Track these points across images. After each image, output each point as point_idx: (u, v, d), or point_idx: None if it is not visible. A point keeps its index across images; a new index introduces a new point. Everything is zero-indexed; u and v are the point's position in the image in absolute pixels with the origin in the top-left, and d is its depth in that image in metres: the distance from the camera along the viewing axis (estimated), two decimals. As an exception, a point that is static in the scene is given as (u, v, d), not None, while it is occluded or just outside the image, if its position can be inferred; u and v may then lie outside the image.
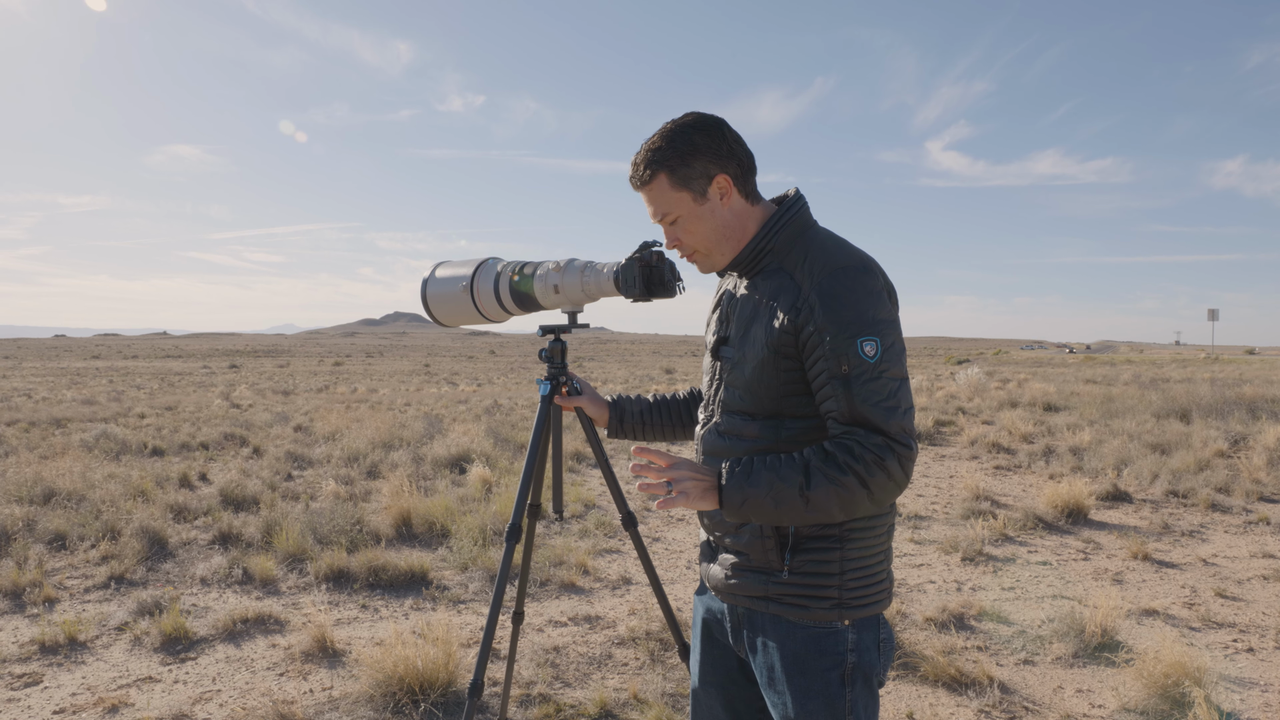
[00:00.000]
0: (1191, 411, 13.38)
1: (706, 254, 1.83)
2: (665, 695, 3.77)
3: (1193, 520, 7.18)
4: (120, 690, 3.91)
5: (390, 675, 3.71)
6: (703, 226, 1.79)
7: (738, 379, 1.78)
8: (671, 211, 1.79)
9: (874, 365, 1.60)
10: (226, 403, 20.61)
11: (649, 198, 1.81)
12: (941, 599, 5.03)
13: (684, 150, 1.74)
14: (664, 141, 1.76)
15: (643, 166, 1.78)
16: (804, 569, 1.70)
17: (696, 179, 1.76)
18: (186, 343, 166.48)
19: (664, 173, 1.76)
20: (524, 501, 2.36)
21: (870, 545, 1.73)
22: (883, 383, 1.60)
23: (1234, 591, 5.29)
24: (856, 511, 1.61)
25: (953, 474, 9.57)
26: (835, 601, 1.70)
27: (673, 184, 1.77)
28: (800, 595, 1.71)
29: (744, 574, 1.78)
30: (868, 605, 1.73)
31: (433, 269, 2.42)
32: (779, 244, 1.77)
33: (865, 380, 1.59)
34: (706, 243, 1.81)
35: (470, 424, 13.52)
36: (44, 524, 6.44)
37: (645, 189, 1.80)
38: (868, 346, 1.60)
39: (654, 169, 1.77)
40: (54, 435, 12.94)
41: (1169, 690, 3.62)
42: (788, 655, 1.73)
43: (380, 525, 6.61)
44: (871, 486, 1.57)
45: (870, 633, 1.74)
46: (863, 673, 1.72)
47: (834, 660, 1.71)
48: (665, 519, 7.40)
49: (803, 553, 1.70)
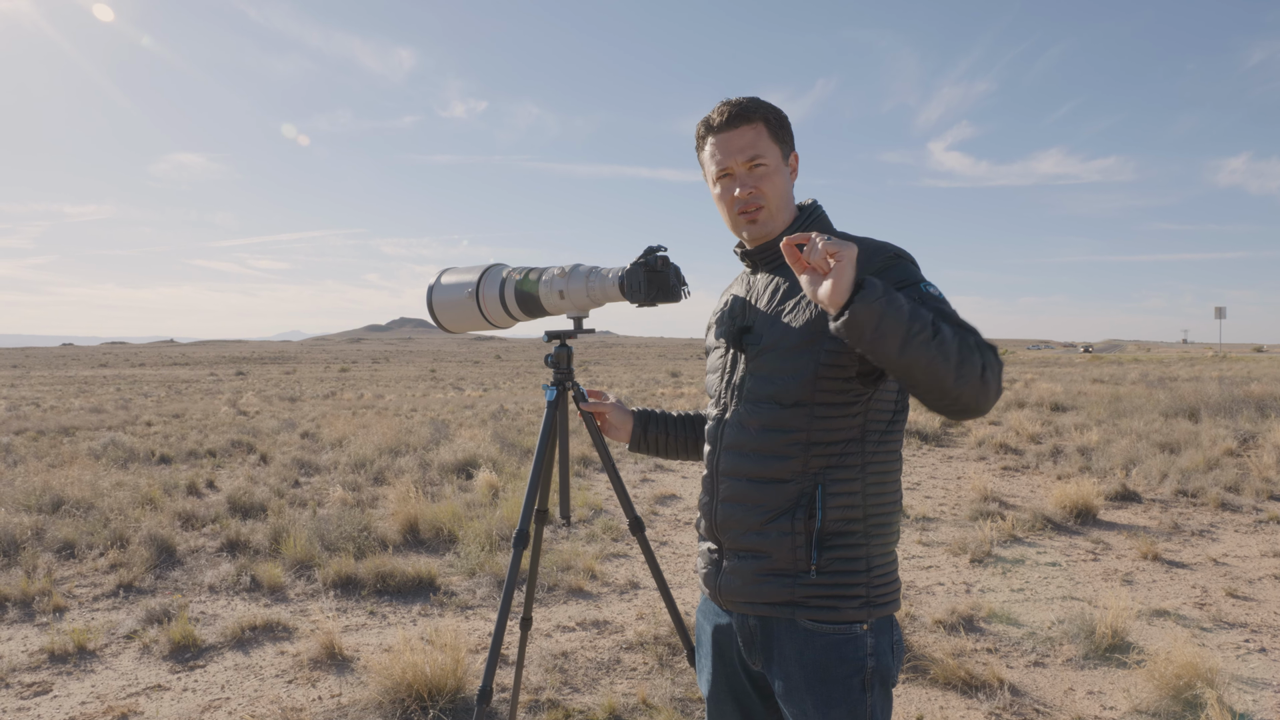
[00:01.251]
0: (1200, 410, 13.31)
1: (771, 214, 1.83)
2: (674, 700, 3.76)
3: (1202, 520, 7.14)
4: (129, 699, 3.91)
5: (399, 682, 3.71)
6: (782, 183, 1.83)
7: (766, 365, 1.76)
8: (762, 156, 1.80)
9: (943, 300, 1.65)
10: (234, 410, 20.67)
11: (737, 138, 1.80)
12: (951, 601, 5.01)
13: (782, 116, 1.84)
14: (764, 101, 1.82)
15: (748, 103, 1.81)
16: (831, 567, 1.69)
17: (785, 144, 1.84)
18: (193, 350, 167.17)
19: (764, 122, 1.81)
20: (531, 507, 2.36)
21: (889, 541, 1.75)
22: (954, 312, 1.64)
23: (1245, 591, 5.26)
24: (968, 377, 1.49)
25: (960, 475, 9.54)
26: (864, 600, 1.69)
27: (771, 135, 1.81)
28: (829, 595, 1.70)
29: (767, 579, 1.73)
30: (889, 603, 1.74)
31: (438, 275, 2.42)
32: None
33: (943, 305, 1.64)
34: (777, 200, 1.83)
35: (477, 429, 13.52)
36: (53, 532, 6.46)
37: (740, 127, 1.80)
38: (932, 289, 1.66)
39: (759, 113, 1.81)
40: (62, 444, 12.98)
41: (1181, 691, 3.60)
42: (808, 664, 1.71)
43: (387, 531, 6.61)
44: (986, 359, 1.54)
45: (886, 635, 1.74)
46: (880, 676, 1.71)
47: (855, 666, 1.69)
48: (674, 523, 7.39)
49: (830, 549, 1.69)
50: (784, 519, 1.71)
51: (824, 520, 1.69)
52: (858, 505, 1.71)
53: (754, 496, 1.75)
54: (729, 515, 1.79)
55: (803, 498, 1.70)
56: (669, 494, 8.63)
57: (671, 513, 7.80)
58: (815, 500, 1.69)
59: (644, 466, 10.35)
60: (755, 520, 1.74)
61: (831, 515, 1.69)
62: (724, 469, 1.82)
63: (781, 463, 1.72)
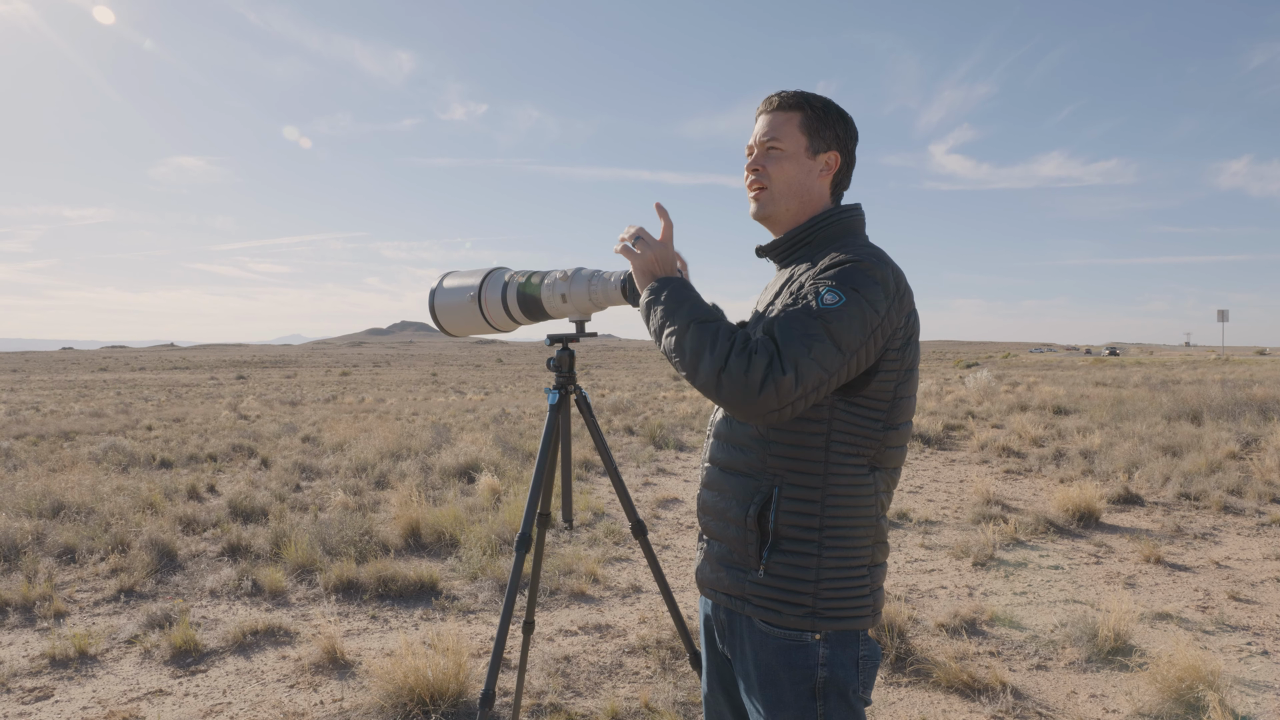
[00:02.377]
0: (1202, 413, 13.30)
1: (772, 197, 1.85)
2: (677, 704, 3.75)
3: (1205, 523, 7.13)
4: (131, 704, 3.91)
5: (401, 686, 3.70)
6: (794, 173, 1.83)
7: None
8: (781, 142, 1.83)
9: (820, 310, 1.58)
10: (234, 414, 20.67)
11: (770, 121, 1.85)
12: (953, 604, 5.00)
13: (828, 113, 1.85)
14: (815, 95, 1.86)
15: (791, 94, 1.85)
16: (779, 571, 1.69)
17: (820, 139, 1.84)
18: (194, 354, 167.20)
19: (803, 114, 1.84)
20: (534, 511, 2.35)
21: (850, 556, 1.69)
22: (814, 325, 1.57)
23: (1248, 594, 5.25)
24: (700, 373, 1.58)
25: (963, 478, 9.53)
26: (808, 610, 1.67)
27: (803, 126, 1.83)
28: (773, 599, 1.70)
29: (725, 568, 1.78)
30: (844, 619, 1.69)
31: (440, 279, 2.43)
32: (816, 240, 1.82)
33: (803, 315, 1.59)
34: (784, 186, 1.84)
35: (478, 433, 13.52)
36: (53, 537, 6.46)
37: (775, 113, 1.85)
38: (828, 296, 1.59)
39: (798, 103, 1.84)
40: (62, 448, 12.98)
41: (1183, 694, 3.59)
42: (760, 664, 1.72)
43: (389, 535, 6.61)
44: (730, 362, 1.55)
45: (848, 649, 1.70)
46: (836, 688, 1.68)
47: (803, 674, 1.68)
48: (676, 527, 7.39)
49: (780, 554, 1.69)
50: (739, 511, 1.74)
51: (776, 523, 1.69)
52: (814, 515, 1.68)
53: (721, 484, 1.80)
54: (705, 500, 1.86)
55: (758, 495, 1.71)
56: (671, 498, 8.62)
57: (674, 516, 7.79)
58: (771, 500, 1.70)
59: (646, 470, 10.35)
60: (722, 507, 1.79)
61: (785, 520, 1.69)
62: (709, 455, 1.88)
63: (743, 455, 1.75)
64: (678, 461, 11.14)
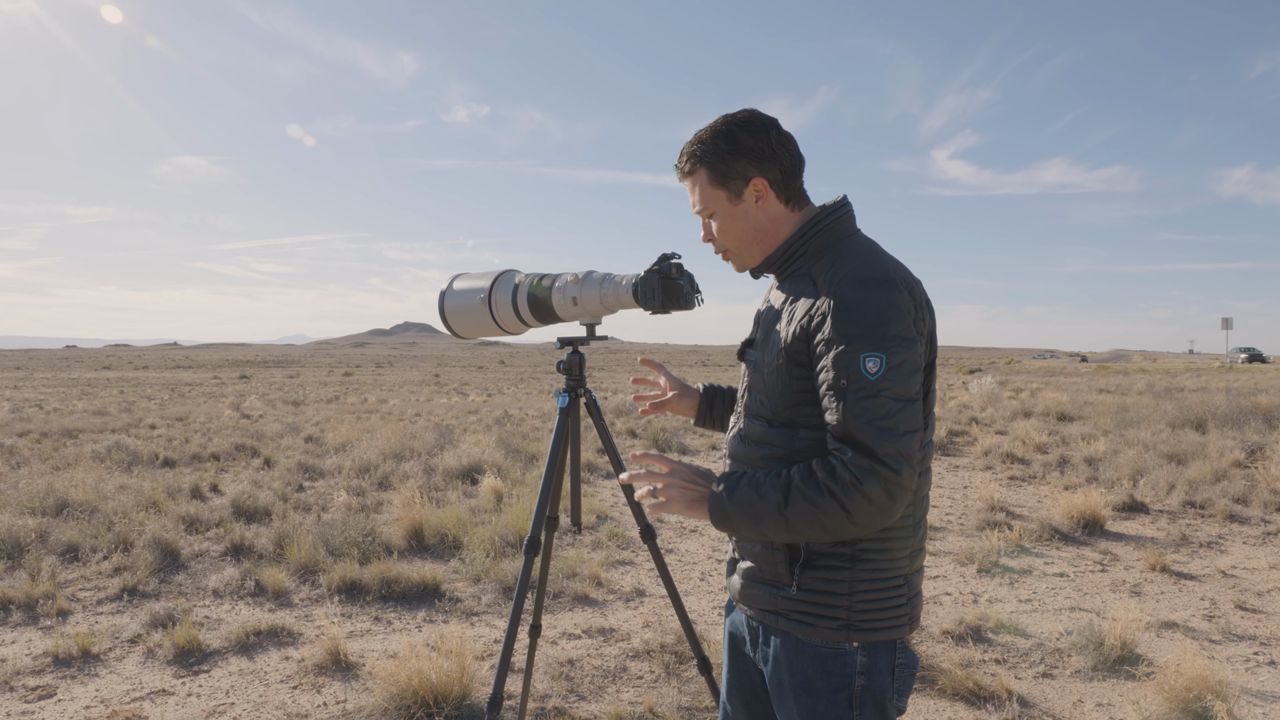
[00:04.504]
0: (1207, 421, 13.26)
1: (736, 253, 1.84)
2: (681, 709, 3.74)
3: (1211, 531, 7.10)
4: (134, 703, 3.90)
5: (404, 688, 3.69)
6: (735, 226, 1.80)
7: (758, 382, 1.77)
8: (708, 207, 1.81)
9: (873, 383, 1.53)
10: (237, 413, 20.69)
11: (690, 189, 1.84)
12: (958, 611, 4.98)
13: (726, 149, 1.75)
14: (710, 136, 1.77)
15: (685, 159, 1.82)
16: (812, 586, 1.67)
17: (734, 179, 1.76)
18: (197, 353, 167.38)
19: (704, 168, 1.78)
20: (542, 514, 2.34)
21: (885, 568, 1.68)
22: (880, 401, 1.53)
23: (1254, 603, 5.23)
24: (840, 534, 1.56)
25: (967, 485, 9.51)
26: (843, 623, 1.66)
27: (711, 181, 1.78)
28: (807, 613, 1.68)
29: (757, 584, 1.76)
30: (880, 629, 1.67)
31: (450, 281, 2.42)
32: (809, 250, 1.75)
33: (862, 396, 1.53)
34: (736, 242, 1.82)
35: (481, 434, 13.51)
36: (56, 535, 6.45)
37: (686, 181, 1.84)
38: (870, 363, 1.54)
39: (694, 163, 1.80)
40: (66, 446, 12.99)
41: (1191, 704, 3.57)
42: (796, 672, 1.70)
43: (392, 537, 6.60)
44: (850, 510, 1.51)
45: (884, 657, 1.69)
46: (873, 696, 1.67)
47: (841, 681, 1.67)
48: (680, 530, 7.37)
49: (812, 570, 1.67)
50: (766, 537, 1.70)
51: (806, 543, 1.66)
52: None
53: None
54: None
55: None
56: (674, 501, 8.60)
57: (677, 520, 7.78)
58: None
59: (648, 473, 10.33)
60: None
61: None
62: None
63: None
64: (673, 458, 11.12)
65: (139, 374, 64.40)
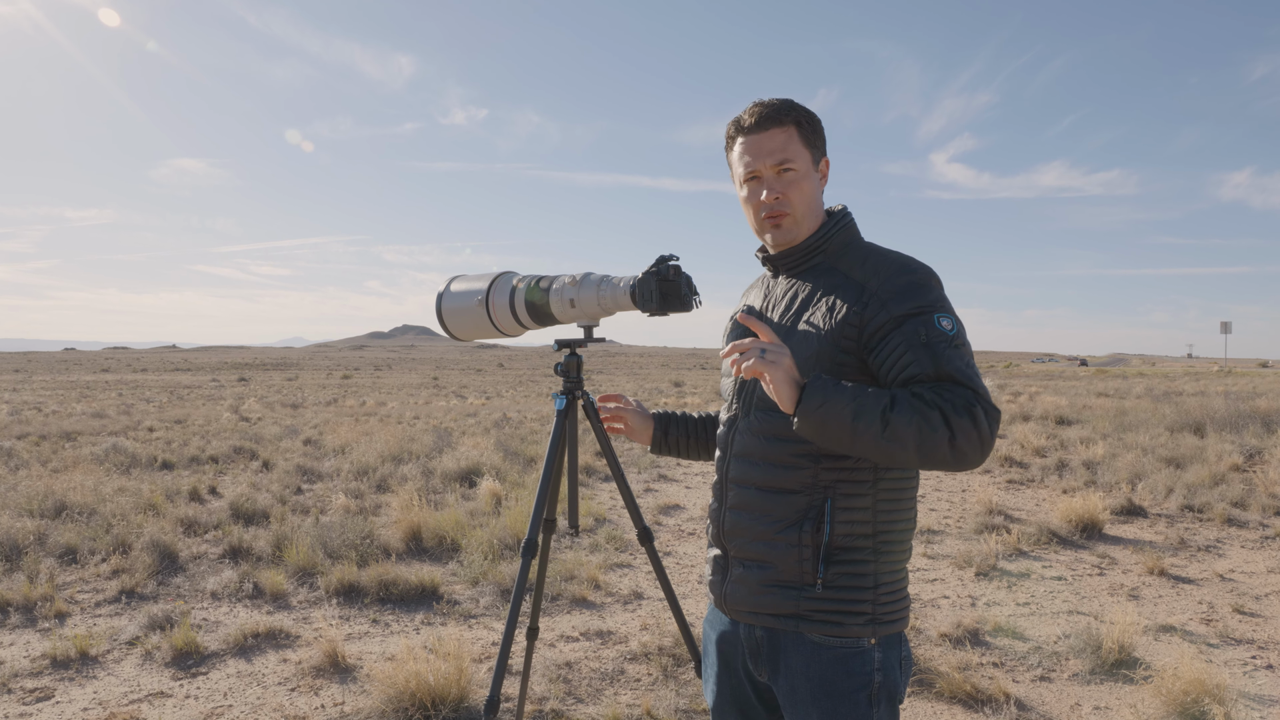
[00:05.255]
0: (1205, 425, 13.27)
1: (797, 220, 1.79)
2: (678, 711, 3.74)
3: (1209, 535, 7.11)
4: (132, 705, 3.90)
5: (402, 691, 3.69)
6: (810, 189, 1.80)
7: None
8: (792, 161, 1.76)
9: (953, 337, 1.61)
10: (236, 416, 20.67)
11: (768, 140, 1.76)
12: (956, 614, 4.98)
13: (815, 120, 1.81)
14: (798, 104, 1.79)
15: (782, 108, 1.77)
16: (838, 582, 1.67)
17: (818, 148, 1.81)
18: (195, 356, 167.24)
19: (796, 125, 1.77)
20: (540, 517, 2.35)
21: (899, 559, 1.73)
22: (964, 351, 1.62)
23: (1252, 607, 5.24)
24: (934, 454, 1.49)
25: (965, 488, 9.51)
26: (869, 617, 1.67)
27: (802, 139, 1.78)
28: (834, 611, 1.67)
29: (772, 589, 1.72)
30: (896, 620, 1.71)
31: (447, 283, 2.42)
32: (832, 246, 1.79)
33: (947, 347, 1.60)
34: (803, 208, 1.79)
35: (479, 437, 13.51)
36: (55, 537, 6.45)
37: (770, 130, 1.76)
38: (945, 321, 1.62)
39: (792, 115, 1.77)
40: (64, 449, 12.98)
41: (1188, 708, 3.57)
42: (814, 677, 1.69)
43: (390, 539, 6.60)
44: (955, 429, 1.48)
45: (894, 650, 1.71)
46: (888, 692, 1.70)
47: (862, 681, 1.67)
48: (678, 533, 7.38)
49: (837, 564, 1.67)
50: (791, 530, 1.68)
51: (832, 534, 1.66)
52: (868, 521, 1.67)
53: (762, 505, 1.73)
54: (736, 523, 1.77)
55: (811, 510, 1.67)
56: (673, 504, 8.61)
57: (676, 523, 7.78)
58: (824, 513, 1.66)
59: (648, 476, 10.33)
60: (762, 529, 1.72)
61: (840, 530, 1.67)
62: (733, 476, 1.80)
63: (790, 473, 1.70)
64: (679, 468, 11.12)
65: (138, 376, 64.35)
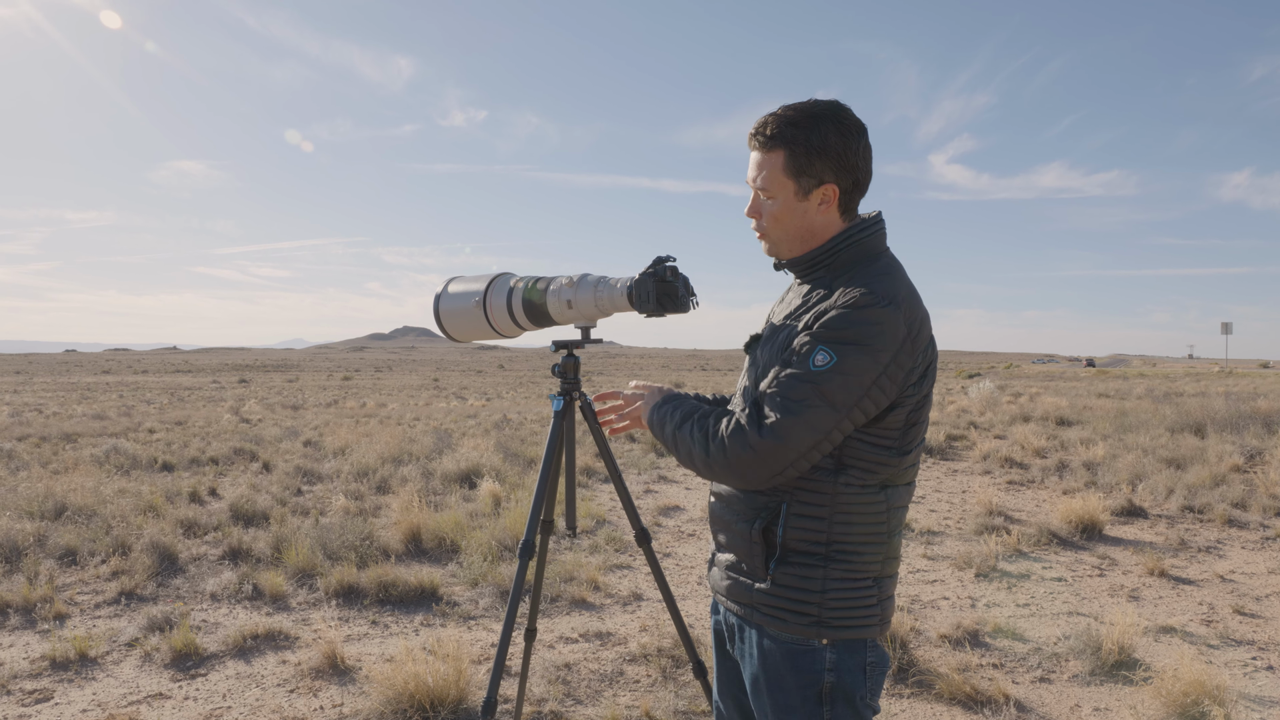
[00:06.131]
0: (1206, 426, 13.25)
1: (773, 244, 1.82)
2: (677, 713, 3.73)
3: (1209, 536, 7.10)
4: (131, 707, 3.89)
5: (401, 692, 3.69)
6: (789, 220, 1.75)
7: (759, 377, 1.77)
8: (768, 189, 1.74)
9: (811, 371, 1.58)
10: (236, 418, 20.67)
11: (757, 163, 1.75)
12: (955, 615, 4.98)
13: (814, 143, 1.68)
14: (802, 121, 1.68)
15: (769, 132, 1.71)
16: (785, 581, 1.70)
17: (808, 177, 1.70)
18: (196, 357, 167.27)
19: (784, 152, 1.70)
20: (537, 518, 2.35)
21: (857, 570, 1.69)
22: (804, 389, 1.57)
23: (1252, 608, 5.23)
24: (696, 467, 1.71)
25: (965, 489, 9.50)
26: (814, 619, 1.68)
27: (786, 169, 1.71)
28: (779, 608, 1.71)
29: (734, 577, 1.80)
30: (851, 628, 1.69)
31: (445, 284, 2.42)
32: (837, 262, 1.74)
33: (793, 376, 1.60)
34: (782, 234, 1.78)
35: (480, 439, 13.50)
36: (55, 539, 6.45)
37: (760, 153, 1.74)
38: (820, 356, 1.58)
39: (777, 142, 1.70)
40: (65, 450, 12.98)
41: (1189, 709, 3.57)
42: (768, 668, 1.74)
43: (390, 541, 6.59)
44: (710, 452, 1.67)
45: (856, 655, 1.71)
46: (844, 693, 1.69)
47: (810, 678, 1.69)
48: (677, 535, 7.37)
49: (786, 565, 1.70)
50: (746, 525, 1.75)
51: (785, 536, 1.70)
52: (822, 530, 1.68)
53: (729, 497, 1.81)
54: (715, 511, 1.87)
55: (765, 511, 1.72)
56: (672, 505, 8.60)
57: (675, 524, 7.78)
58: (779, 515, 1.70)
59: (647, 478, 10.33)
60: (729, 519, 1.80)
61: (792, 534, 1.69)
62: None
63: None
64: (679, 469, 11.11)
65: (138, 378, 64.36)
